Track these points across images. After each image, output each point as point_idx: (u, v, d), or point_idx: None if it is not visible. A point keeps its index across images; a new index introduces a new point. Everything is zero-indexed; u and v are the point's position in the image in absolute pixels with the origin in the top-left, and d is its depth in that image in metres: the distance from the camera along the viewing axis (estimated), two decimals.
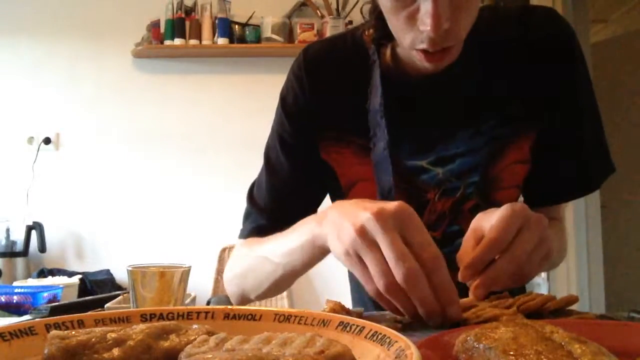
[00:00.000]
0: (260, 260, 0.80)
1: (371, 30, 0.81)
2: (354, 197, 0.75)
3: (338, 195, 0.88)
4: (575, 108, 0.83)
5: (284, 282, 0.78)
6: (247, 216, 0.91)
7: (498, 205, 0.62)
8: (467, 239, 0.63)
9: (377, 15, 0.77)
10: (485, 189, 0.81)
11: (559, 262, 0.92)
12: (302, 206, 0.84)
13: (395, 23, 0.70)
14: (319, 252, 0.68)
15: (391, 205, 0.56)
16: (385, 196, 0.79)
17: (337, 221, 0.60)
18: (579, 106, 0.83)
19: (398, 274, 0.53)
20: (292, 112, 0.87)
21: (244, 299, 0.86)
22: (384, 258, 0.54)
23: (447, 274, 0.55)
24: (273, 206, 0.87)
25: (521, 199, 0.88)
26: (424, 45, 0.68)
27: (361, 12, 0.83)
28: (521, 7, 0.85)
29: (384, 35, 0.78)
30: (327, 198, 0.93)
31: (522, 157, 0.82)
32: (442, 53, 0.70)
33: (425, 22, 0.64)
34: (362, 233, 0.55)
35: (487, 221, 0.61)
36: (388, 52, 0.82)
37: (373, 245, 0.55)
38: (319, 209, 0.83)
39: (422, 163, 0.82)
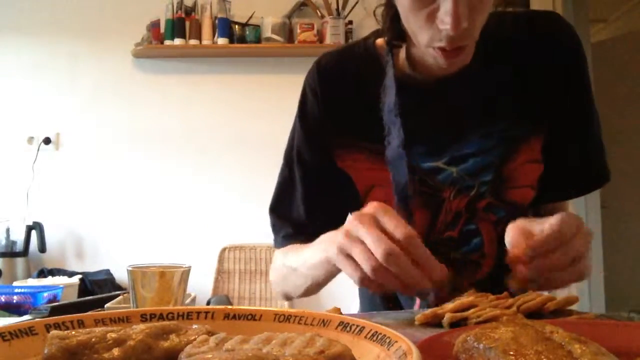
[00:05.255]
0: (292, 271, 0.88)
1: (385, 33, 0.84)
2: (371, 201, 0.78)
3: (357, 201, 0.89)
4: (582, 106, 0.85)
5: (314, 288, 0.87)
6: (273, 227, 0.97)
7: (512, 203, 0.64)
8: (516, 237, 0.64)
9: (391, 17, 0.80)
10: (499, 188, 0.83)
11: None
12: (323, 216, 0.90)
13: (413, 21, 0.73)
14: (335, 269, 0.73)
15: (368, 206, 0.64)
16: (401, 192, 0.82)
17: (334, 236, 0.67)
18: (585, 104, 0.86)
19: (379, 255, 0.59)
20: (308, 124, 0.92)
21: (288, 297, 0.96)
22: (367, 247, 0.61)
23: (422, 246, 0.60)
24: (295, 217, 0.93)
25: None
26: (442, 44, 0.71)
27: (374, 15, 0.85)
28: (526, 11, 0.89)
29: (398, 37, 0.81)
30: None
31: (533, 156, 0.84)
32: (458, 51, 0.73)
33: (445, 21, 0.67)
34: (347, 234, 0.63)
35: (536, 225, 0.63)
36: (402, 54, 0.84)
37: (357, 240, 0.62)
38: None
39: (437, 164, 0.84)
